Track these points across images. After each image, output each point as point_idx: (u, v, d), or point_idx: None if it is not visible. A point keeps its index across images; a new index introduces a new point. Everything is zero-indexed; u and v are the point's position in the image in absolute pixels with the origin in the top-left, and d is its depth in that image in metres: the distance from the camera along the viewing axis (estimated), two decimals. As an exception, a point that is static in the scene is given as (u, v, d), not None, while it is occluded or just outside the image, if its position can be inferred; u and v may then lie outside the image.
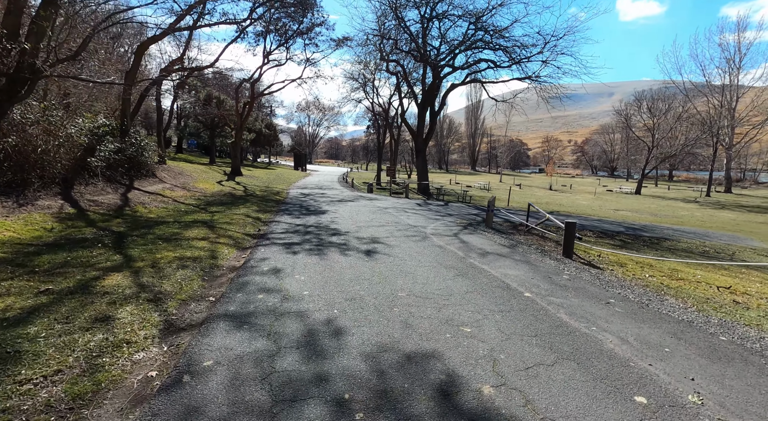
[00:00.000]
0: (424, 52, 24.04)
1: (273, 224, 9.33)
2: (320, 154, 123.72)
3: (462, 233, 9.33)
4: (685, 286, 5.85)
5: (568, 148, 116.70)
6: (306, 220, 10.25)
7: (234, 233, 7.93)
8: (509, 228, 11.41)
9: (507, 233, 10.08)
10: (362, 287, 4.75)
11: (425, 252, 6.87)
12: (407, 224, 10.32)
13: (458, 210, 15.73)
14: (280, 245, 7.01)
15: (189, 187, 15.36)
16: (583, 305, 4.29)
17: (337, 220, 10.43)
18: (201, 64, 20.89)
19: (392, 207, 14.56)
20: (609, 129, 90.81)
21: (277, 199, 15.71)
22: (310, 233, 8.26)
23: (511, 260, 6.49)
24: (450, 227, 10.33)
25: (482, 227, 10.91)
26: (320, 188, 23.24)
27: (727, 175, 48.98)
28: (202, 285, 4.76)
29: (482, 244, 7.90)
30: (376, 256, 6.43)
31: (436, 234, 8.85)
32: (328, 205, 14.12)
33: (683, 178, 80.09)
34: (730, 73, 45.20)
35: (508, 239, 8.80)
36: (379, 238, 8.03)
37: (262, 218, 10.22)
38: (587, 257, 7.63)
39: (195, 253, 6.09)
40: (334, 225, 9.51)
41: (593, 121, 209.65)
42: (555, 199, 32.48)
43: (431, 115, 26.85)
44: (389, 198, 19.22)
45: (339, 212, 12.33)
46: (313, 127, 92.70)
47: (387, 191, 24.26)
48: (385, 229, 9.20)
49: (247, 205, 12.51)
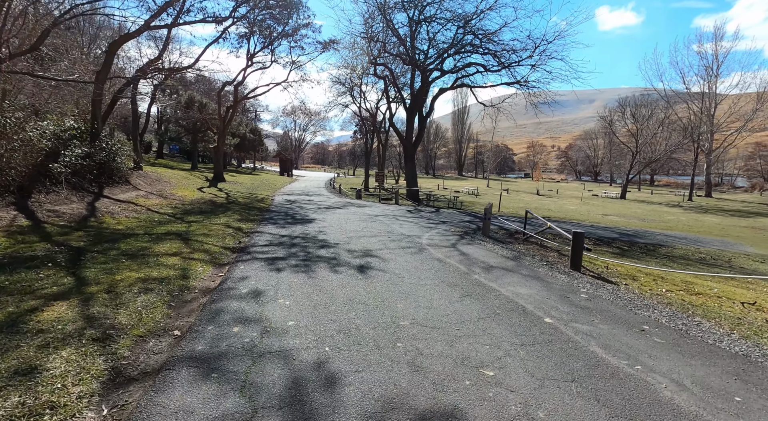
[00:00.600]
0: (412, 55, 23.62)
1: (255, 236, 8.56)
2: (307, 159, 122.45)
3: (460, 243, 8.74)
4: (709, 303, 5.36)
5: (553, 153, 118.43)
6: (292, 230, 9.51)
7: (211, 247, 7.14)
8: (506, 237, 10.89)
9: (506, 243, 9.54)
10: (357, 313, 4.07)
11: (424, 267, 6.23)
12: (401, 233, 9.68)
13: (450, 217, 15.20)
14: (263, 261, 6.27)
15: (166, 194, 14.41)
16: (615, 333, 3.70)
17: (325, 229, 9.72)
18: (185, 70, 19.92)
19: (383, 214, 13.92)
20: (592, 135, 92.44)
21: (262, 206, 14.89)
22: (297, 246, 7.54)
23: (519, 276, 5.90)
24: (446, 236, 9.74)
25: (479, 235, 10.35)
26: (307, 195, 22.45)
27: (708, 180, 50.04)
28: (167, 314, 4.00)
29: (484, 256, 7.31)
30: (371, 272, 5.76)
31: (432, 245, 8.23)
32: (315, 213, 13.38)
33: (664, 183, 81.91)
34: (709, 80, 46.36)
35: (510, 250, 8.24)
36: (372, 250, 7.36)
37: (243, 229, 9.43)
38: (595, 268, 7.12)
39: (163, 272, 5.31)
40: (322, 236, 8.80)
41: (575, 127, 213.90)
42: (543, 204, 32.38)
43: (420, 120, 26.42)
44: (379, 204, 18.58)
45: (327, 220, 11.62)
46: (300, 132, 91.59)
47: (376, 197, 23.62)
48: (377, 239, 8.54)
49: (228, 214, 11.68)
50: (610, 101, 75.16)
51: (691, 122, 45.49)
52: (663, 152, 45.53)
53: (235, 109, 26.18)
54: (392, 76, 26.25)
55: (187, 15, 13.51)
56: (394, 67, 26.94)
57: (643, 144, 45.19)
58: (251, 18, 20.86)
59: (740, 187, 68.10)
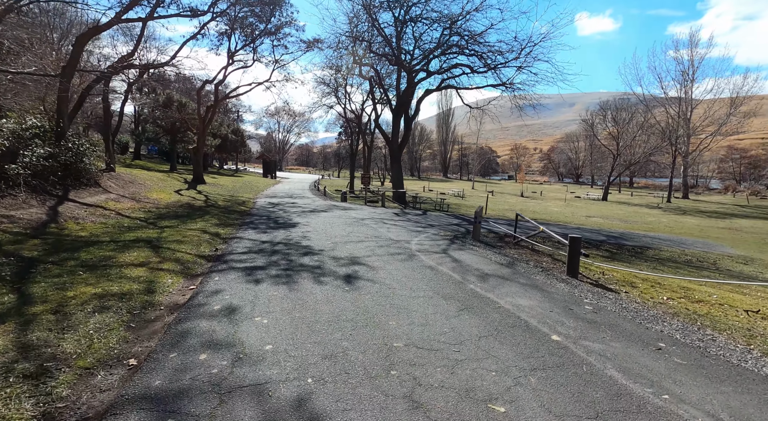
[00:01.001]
0: (398, 55, 23.30)
1: (234, 242, 7.99)
2: (291, 161, 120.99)
3: (451, 248, 8.37)
4: (713, 311, 5.12)
5: (535, 155, 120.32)
6: (273, 235, 8.96)
7: (184, 255, 6.56)
8: (497, 240, 10.59)
9: (497, 247, 9.23)
10: (344, 333, 3.61)
11: (416, 276, 5.81)
12: (389, 238, 9.25)
13: (438, 220, 14.87)
14: (240, 271, 5.74)
15: (139, 197, 13.62)
16: (631, 353, 3.36)
17: (309, 235, 9.20)
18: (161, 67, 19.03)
19: (369, 218, 13.47)
20: (574, 137, 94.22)
21: (242, 210, 14.24)
22: (278, 253, 7.02)
23: (517, 285, 5.54)
24: (436, 240, 9.36)
25: (470, 240, 10.02)
26: (290, 197, 21.81)
27: (684, 182, 51.45)
28: (124, 337, 3.46)
29: (477, 263, 6.95)
30: (359, 283, 5.31)
31: (423, 251, 7.83)
32: (299, 216, 12.83)
33: (642, 185, 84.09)
34: (685, 85, 47.72)
35: (503, 256, 7.91)
36: (360, 257, 6.90)
37: (221, 234, 8.83)
38: (591, 274, 6.85)
39: (126, 286, 4.74)
40: (306, 241, 8.29)
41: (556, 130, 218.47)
42: (528, 206, 32.51)
43: (406, 122, 26.10)
44: (365, 207, 18.13)
45: (311, 224, 11.10)
46: (284, 134, 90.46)
47: (361, 200, 23.16)
48: (365, 245, 8.08)
49: (205, 219, 11.03)
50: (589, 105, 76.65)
51: (669, 125, 46.69)
52: (642, 155, 46.55)
53: (215, 108, 25.32)
54: (378, 76, 25.88)
55: (162, 8, 12.80)
56: (379, 67, 26.59)
57: (623, 146, 46.10)
58: (232, 15, 20.17)
59: (714, 189, 70.38)
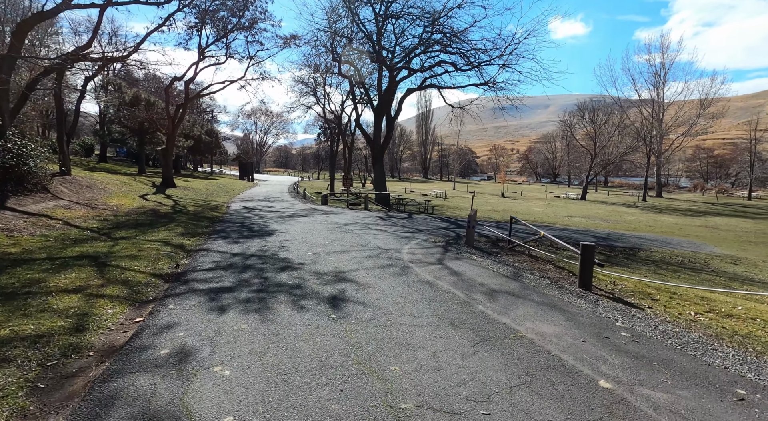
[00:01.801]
0: (379, 52, 22.50)
1: (200, 255, 6.93)
2: (269, 163, 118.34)
3: (446, 257, 7.57)
4: (755, 331, 4.50)
5: (514, 156, 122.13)
6: (247, 246, 7.93)
7: (135, 275, 5.48)
8: (491, 246, 9.89)
9: (493, 254, 8.51)
10: (333, 389, 2.71)
11: (414, 295, 4.95)
12: (376, 246, 8.37)
13: (425, 223, 14.09)
14: (203, 294, 4.73)
15: (96, 204, 12.23)
16: (710, 407, 2.60)
17: (287, 244, 8.21)
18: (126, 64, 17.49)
19: (353, 223, 12.55)
20: (551, 138, 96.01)
21: (214, 216, 13.04)
22: (251, 269, 6.02)
23: (532, 304, 4.77)
24: (428, 248, 8.54)
25: (463, 246, 9.26)
26: (268, 201, 20.60)
27: (658, 181, 52.84)
28: (21, 409, 2.45)
29: (479, 275, 6.16)
30: (348, 307, 4.40)
31: (416, 261, 6.99)
32: (276, 222, 11.78)
33: (617, 184, 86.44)
34: (657, 87, 49.02)
35: (504, 265, 7.16)
36: (346, 272, 5.99)
37: (186, 246, 7.73)
38: (602, 284, 6.18)
39: (46, 323, 3.67)
40: (283, 253, 7.31)
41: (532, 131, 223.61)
42: (510, 206, 32.28)
43: (387, 122, 25.31)
44: (347, 211, 17.18)
45: (290, 231, 10.09)
46: (261, 135, 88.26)
47: (343, 202, 22.19)
48: (351, 256, 7.17)
49: (170, 227, 9.84)
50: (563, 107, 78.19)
51: (644, 126, 47.81)
52: (618, 154, 47.49)
53: (185, 107, 23.80)
54: (358, 74, 24.98)
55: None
56: (360, 65, 25.70)
57: (600, 146, 46.89)
58: (202, 6, 18.86)
59: (684, 188, 72.99)
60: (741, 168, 55.91)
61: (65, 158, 14.67)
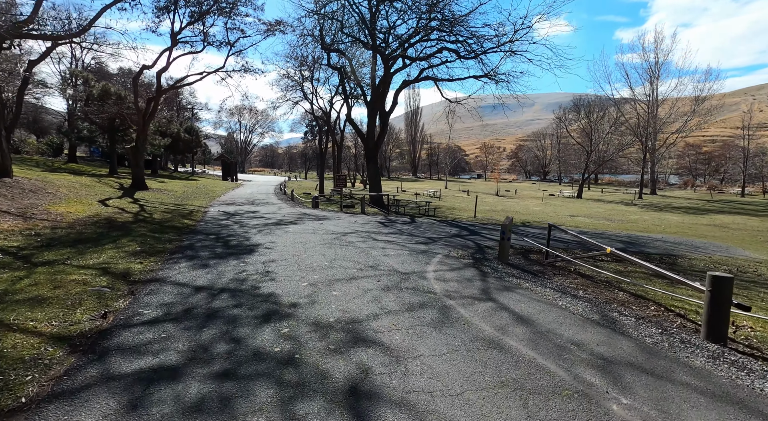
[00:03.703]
0: (374, 40, 20.47)
1: (147, 292, 4.83)
2: (255, 162, 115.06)
3: (489, 284, 5.63)
4: None
5: (503, 154, 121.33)
6: (218, 272, 5.85)
7: (20, 341, 3.38)
8: (522, 258, 8.03)
9: (537, 274, 6.63)
10: None
11: (485, 379, 2.99)
12: (391, 268, 6.39)
13: (434, 230, 12.17)
14: (123, 381, 2.69)
15: (35, 213, 9.91)
16: None
17: (273, 267, 6.16)
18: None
19: (352, 231, 10.54)
20: (541, 136, 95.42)
21: (184, 225, 10.85)
22: (216, 320, 3.97)
23: (693, 395, 2.87)
24: (456, 268, 6.61)
25: (496, 262, 7.36)
26: (252, 204, 18.39)
27: (653, 178, 52.16)
28: None
29: (556, 321, 4.24)
30: (384, 417, 2.43)
31: (453, 294, 5.04)
32: (260, 233, 9.68)
33: (606, 181, 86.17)
34: (651, 81, 48.21)
35: (567, 294, 5.27)
36: (362, 321, 4.00)
37: (133, 274, 5.61)
38: (735, 332, 4.35)
39: None
40: (268, 283, 5.27)
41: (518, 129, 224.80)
42: (508, 205, 30.64)
43: (382, 117, 23.31)
44: (341, 215, 15.14)
45: (277, 246, 8.03)
46: (246, 134, 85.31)
47: (335, 204, 20.12)
48: (362, 288, 5.18)
49: (121, 243, 7.66)
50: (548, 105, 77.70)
51: (640, 122, 46.95)
52: (614, 151, 46.54)
53: (157, 100, 21.31)
54: (350, 64, 22.89)
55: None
56: (351, 55, 23.59)
57: (596, 143, 45.86)
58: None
59: (674, 185, 73.00)
60: (733, 164, 55.66)
61: (3, 157, 12.24)
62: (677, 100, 49.88)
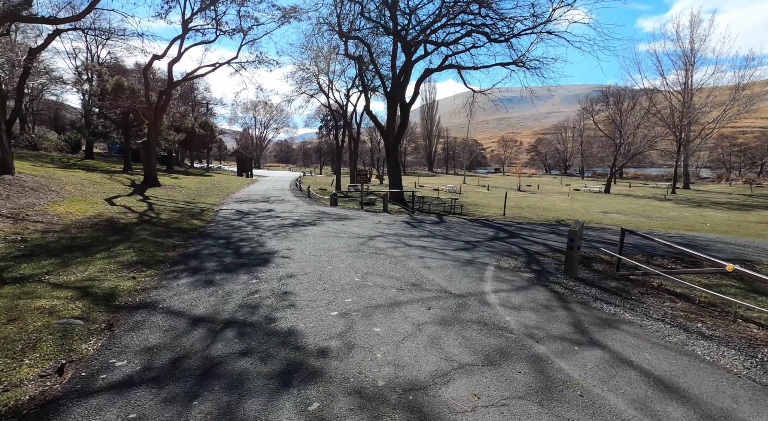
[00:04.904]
0: (395, 24, 19.03)
1: (129, 326, 3.65)
2: (270, 158, 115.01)
3: (582, 319, 4.27)
4: None
5: (523, 147, 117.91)
6: (225, 293, 4.66)
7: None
8: (593, 273, 6.61)
9: (627, 296, 5.23)
10: None
11: None
12: (439, 287, 5.10)
13: (468, 231, 10.78)
14: None
15: (29, 213, 8.96)
16: None
17: (292, 287, 4.94)
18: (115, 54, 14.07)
19: (379, 234, 9.27)
20: (562, 128, 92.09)
21: (193, 226, 9.77)
22: (216, 378, 2.74)
23: None
24: (521, 288, 5.25)
25: (563, 278, 5.98)
26: (267, 200, 17.33)
27: (686, 172, 49.25)
28: None
29: (717, 389, 2.86)
30: None
31: (537, 333, 3.71)
32: (275, 236, 8.50)
33: (632, 175, 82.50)
34: (687, 70, 45.21)
35: (701, 336, 3.88)
36: (425, 388, 2.71)
37: (119, 295, 4.47)
38: None
39: None
40: (286, 313, 4.04)
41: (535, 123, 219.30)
42: (533, 201, 28.81)
43: (402, 108, 21.88)
44: (363, 214, 13.89)
45: (296, 254, 6.82)
46: (261, 130, 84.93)
47: (354, 201, 18.89)
48: (411, 322, 3.89)
49: (115, 251, 6.57)
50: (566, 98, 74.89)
51: (674, 112, 44.12)
52: (646, 143, 43.88)
53: (169, 93, 20.40)
54: (370, 52, 21.48)
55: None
56: (371, 42, 22.16)
57: (626, 135, 43.30)
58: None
59: (706, 178, 69.12)
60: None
61: (4, 152, 11.39)
62: (714, 88, 46.74)
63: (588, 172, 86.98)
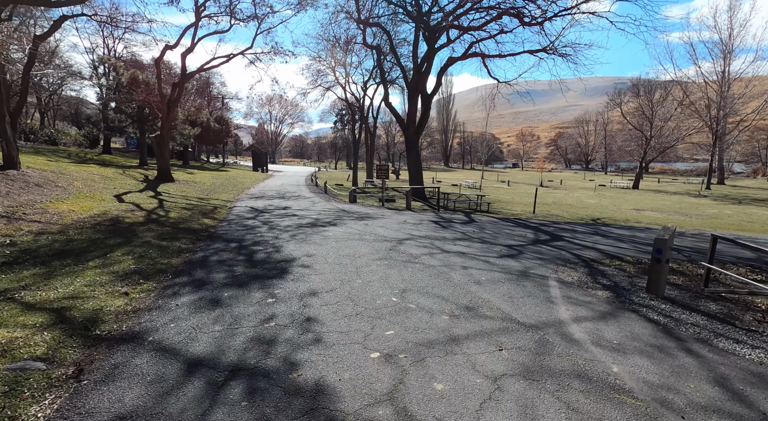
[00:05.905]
0: (419, 8, 17.80)
1: (104, 371, 2.71)
2: (285, 153, 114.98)
3: (720, 370, 3.16)
4: None
5: (541, 141, 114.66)
6: (232, 317, 3.69)
7: None
8: (675, 289, 5.42)
9: (740, 324, 4.05)
10: None
11: None
12: (503, 313, 4.02)
13: (502, 231, 9.62)
14: None
15: (27, 212, 8.22)
16: None
17: (316, 311, 3.93)
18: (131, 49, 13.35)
19: (408, 237, 8.21)
20: (583, 122, 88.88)
21: (204, 225, 8.90)
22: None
23: None
24: (612, 318, 4.14)
25: (650, 299, 4.82)
26: (282, 197, 16.47)
27: (720, 166, 46.50)
28: None
29: None
30: None
31: (671, 400, 2.61)
32: (293, 238, 7.53)
33: (659, 170, 79.01)
34: (725, 58, 42.38)
35: None
36: None
37: (104, 318, 3.54)
38: None
39: None
40: (309, 351, 3.04)
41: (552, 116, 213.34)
42: (559, 198, 27.18)
43: (423, 99, 20.67)
44: (385, 212, 12.84)
45: (317, 261, 5.83)
46: (276, 125, 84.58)
47: (372, 198, 17.84)
48: (486, 375, 2.83)
49: (113, 257, 5.70)
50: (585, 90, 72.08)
51: (710, 103, 41.47)
52: (679, 137, 41.47)
53: (182, 84, 19.70)
54: (389, 39, 20.28)
55: None
56: (390, 29, 20.95)
57: (658, 128, 40.95)
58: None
59: (740, 173, 65.55)
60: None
61: (9, 145, 10.74)
62: (753, 78, 43.75)
63: (611, 167, 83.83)
